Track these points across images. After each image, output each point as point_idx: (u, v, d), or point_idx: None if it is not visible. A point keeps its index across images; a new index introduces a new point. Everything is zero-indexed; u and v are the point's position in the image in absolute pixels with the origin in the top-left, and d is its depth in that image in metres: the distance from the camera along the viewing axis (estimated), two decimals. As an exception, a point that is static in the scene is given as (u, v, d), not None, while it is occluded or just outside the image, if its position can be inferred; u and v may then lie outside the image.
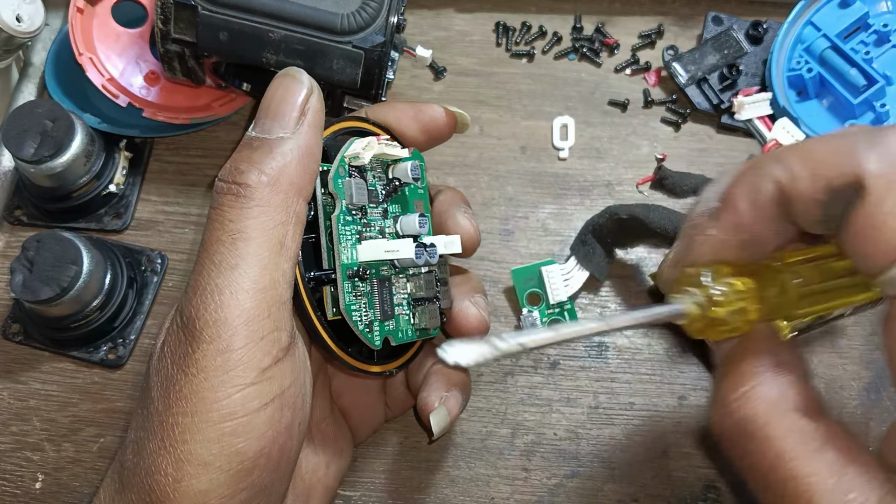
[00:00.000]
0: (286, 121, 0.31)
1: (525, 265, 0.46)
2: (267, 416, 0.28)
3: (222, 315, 0.28)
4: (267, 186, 0.30)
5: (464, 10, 0.55)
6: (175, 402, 0.28)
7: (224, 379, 0.28)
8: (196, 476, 0.27)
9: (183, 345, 0.28)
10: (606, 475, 0.43)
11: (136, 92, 0.50)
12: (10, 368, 0.46)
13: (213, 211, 0.30)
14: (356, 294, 0.35)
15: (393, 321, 0.36)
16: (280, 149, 0.31)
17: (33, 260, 0.42)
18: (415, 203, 0.38)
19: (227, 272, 0.28)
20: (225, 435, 0.27)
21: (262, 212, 0.30)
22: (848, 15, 0.48)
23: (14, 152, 0.44)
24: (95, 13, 0.50)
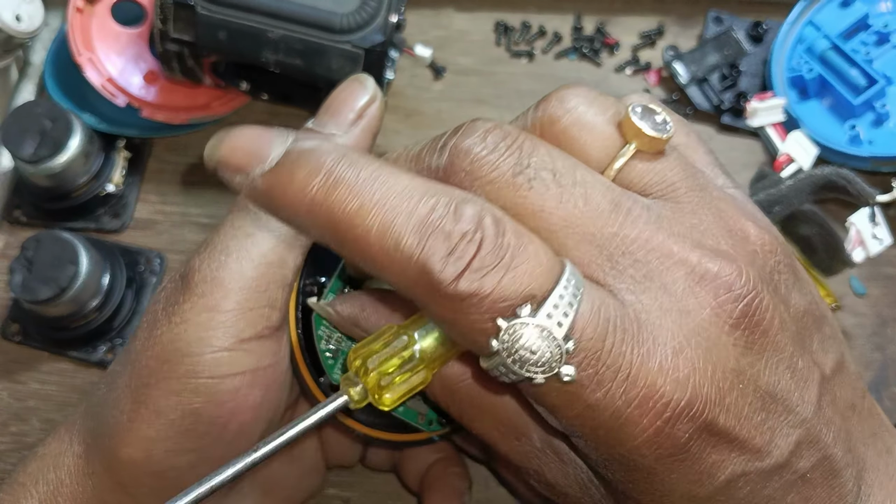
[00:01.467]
0: (341, 119, 0.32)
1: None
2: (232, 386, 0.28)
3: (221, 275, 0.28)
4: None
5: (464, 10, 0.54)
6: (151, 346, 0.28)
7: (202, 336, 0.27)
8: (148, 421, 0.27)
9: (176, 293, 0.28)
10: (606, 476, 0.43)
11: (135, 91, 0.50)
12: (9, 368, 0.46)
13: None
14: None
15: None
16: (328, 142, 0.31)
17: (32, 260, 0.42)
18: None
19: (242, 238, 0.29)
20: (186, 390, 0.27)
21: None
22: (848, 15, 0.48)
23: (13, 152, 0.44)
24: (94, 13, 0.50)
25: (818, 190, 0.41)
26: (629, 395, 0.21)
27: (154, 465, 0.28)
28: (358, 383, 0.25)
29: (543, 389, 0.22)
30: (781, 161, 0.47)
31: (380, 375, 0.25)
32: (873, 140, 0.46)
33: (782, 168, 0.46)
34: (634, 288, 0.22)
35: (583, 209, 0.23)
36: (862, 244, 0.42)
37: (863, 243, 0.42)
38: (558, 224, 0.23)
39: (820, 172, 0.41)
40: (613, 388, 0.21)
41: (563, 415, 0.22)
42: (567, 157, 0.24)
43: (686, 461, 0.22)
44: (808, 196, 0.41)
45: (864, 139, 0.46)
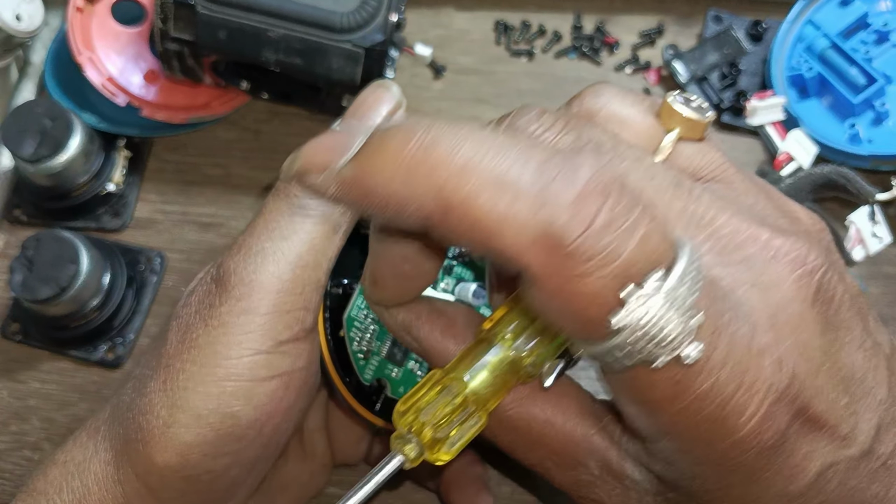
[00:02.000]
0: (370, 124, 0.31)
1: None
2: (270, 389, 0.28)
3: (258, 277, 0.28)
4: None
5: (463, 9, 0.54)
6: (187, 349, 0.28)
7: (241, 339, 0.27)
8: (186, 425, 0.27)
9: (211, 296, 0.28)
10: (606, 474, 0.43)
11: (135, 91, 0.50)
12: (9, 367, 0.46)
13: (281, 184, 0.30)
14: (367, 315, 0.33)
15: (398, 370, 0.35)
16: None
17: (32, 259, 0.42)
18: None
19: (278, 240, 0.28)
20: (225, 394, 0.27)
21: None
22: (848, 14, 0.48)
23: (13, 151, 0.44)
24: (94, 12, 0.50)
25: (818, 188, 0.41)
26: (738, 379, 0.19)
27: (190, 469, 0.28)
28: (411, 440, 0.24)
29: (655, 378, 0.20)
30: (781, 160, 0.47)
31: (434, 429, 0.24)
32: (873, 139, 0.46)
33: (782, 167, 0.46)
34: (718, 261, 0.21)
35: (648, 185, 0.22)
36: (861, 242, 0.42)
37: (862, 241, 0.42)
38: None
39: (819, 171, 0.41)
40: (726, 371, 0.19)
41: (667, 410, 0.20)
42: (622, 138, 0.24)
43: (783, 453, 0.21)
44: (808, 194, 0.41)
45: (864, 138, 0.46)
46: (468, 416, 0.24)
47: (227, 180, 0.50)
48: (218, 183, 0.50)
